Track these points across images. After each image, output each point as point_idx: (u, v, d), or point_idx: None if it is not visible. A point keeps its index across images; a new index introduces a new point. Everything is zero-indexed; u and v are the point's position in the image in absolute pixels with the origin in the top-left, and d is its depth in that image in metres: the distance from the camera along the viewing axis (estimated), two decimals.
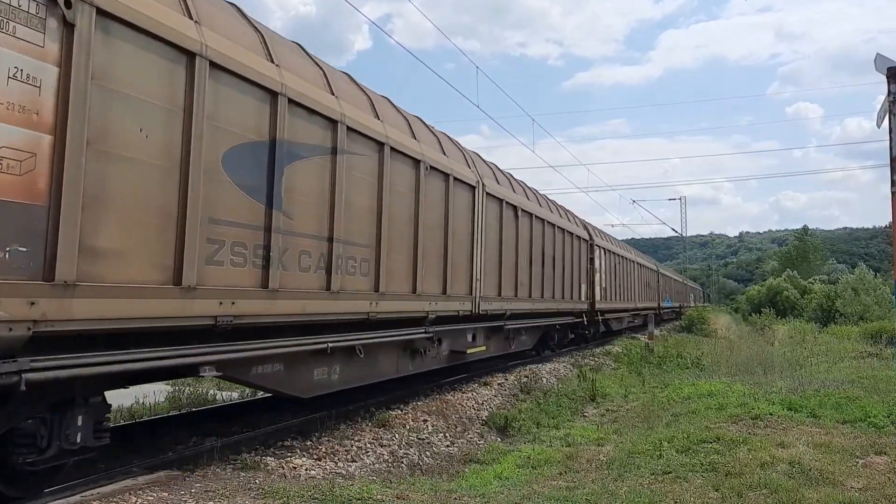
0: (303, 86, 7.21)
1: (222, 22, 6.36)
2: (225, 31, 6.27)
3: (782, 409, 9.65)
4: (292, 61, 7.39)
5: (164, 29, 5.35)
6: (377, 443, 8.33)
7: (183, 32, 5.57)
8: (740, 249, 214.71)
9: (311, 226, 7.27)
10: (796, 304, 57.37)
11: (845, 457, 7.11)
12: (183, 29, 5.59)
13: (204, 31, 5.83)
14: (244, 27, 6.81)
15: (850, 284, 45.05)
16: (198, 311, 5.66)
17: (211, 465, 6.53)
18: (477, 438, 9.85)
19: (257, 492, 5.57)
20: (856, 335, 29.09)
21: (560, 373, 16.25)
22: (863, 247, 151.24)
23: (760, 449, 7.29)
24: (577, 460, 7.83)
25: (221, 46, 6.02)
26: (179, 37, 5.52)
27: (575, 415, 11.85)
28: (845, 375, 13.83)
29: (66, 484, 5.48)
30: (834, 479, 6.29)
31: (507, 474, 7.32)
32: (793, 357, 19.08)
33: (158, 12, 5.34)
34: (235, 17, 6.80)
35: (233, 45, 6.24)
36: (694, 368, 18.11)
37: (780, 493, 5.80)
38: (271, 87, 6.61)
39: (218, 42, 5.99)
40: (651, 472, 6.67)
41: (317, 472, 6.90)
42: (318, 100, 7.42)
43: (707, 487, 6.09)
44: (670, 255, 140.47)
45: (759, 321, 45.15)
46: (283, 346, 6.83)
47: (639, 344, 25.42)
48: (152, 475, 5.97)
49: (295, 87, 6.98)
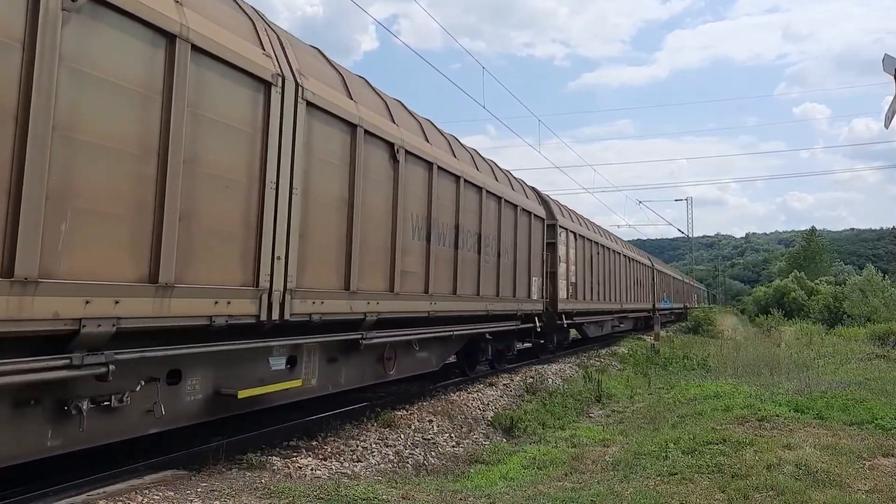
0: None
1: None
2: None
3: (789, 410, 9.62)
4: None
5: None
6: (383, 443, 8.33)
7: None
8: (747, 250, 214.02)
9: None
10: (803, 305, 57.19)
11: (852, 458, 7.08)
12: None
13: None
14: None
15: (857, 286, 44.89)
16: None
17: (216, 464, 6.53)
18: (482, 439, 9.84)
19: (263, 491, 5.58)
20: (863, 337, 29.00)
21: (565, 373, 16.21)
22: (870, 248, 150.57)
23: (767, 450, 7.26)
24: (582, 461, 7.82)
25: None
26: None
27: (580, 415, 11.83)
28: (852, 377, 13.78)
29: (72, 483, 5.49)
30: (841, 481, 6.26)
31: (513, 475, 7.32)
32: (799, 358, 19.02)
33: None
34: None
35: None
36: (700, 369, 18.08)
37: (787, 495, 5.78)
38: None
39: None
40: (657, 474, 6.65)
41: (322, 471, 6.90)
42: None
43: (713, 489, 6.07)
44: (676, 256, 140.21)
45: (765, 322, 45.02)
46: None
47: (644, 345, 25.38)
48: (158, 474, 5.99)
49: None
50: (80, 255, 4.58)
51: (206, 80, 5.74)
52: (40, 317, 4.28)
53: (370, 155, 8.35)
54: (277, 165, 6.56)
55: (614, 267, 25.58)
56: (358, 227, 7.93)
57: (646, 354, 22.40)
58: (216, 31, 5.84)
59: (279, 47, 6.94)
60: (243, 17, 6.66)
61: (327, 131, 7.51)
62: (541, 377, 14.75)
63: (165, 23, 5.26)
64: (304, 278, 6.96)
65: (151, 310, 5.09)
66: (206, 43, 5.66)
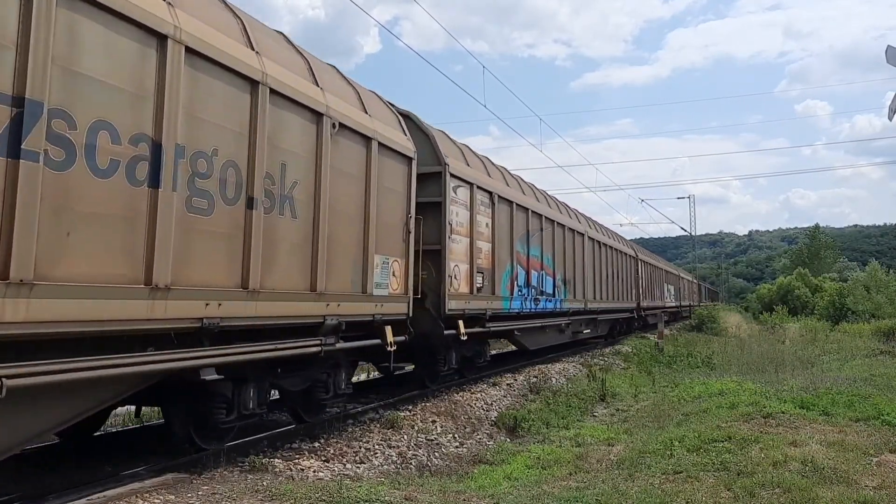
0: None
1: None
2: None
3: (794, 407, 9.56)
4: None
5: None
6: (386, 444, 8.29)
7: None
8: (750, 248, 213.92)
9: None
10: (808, 302, 57.06)
11: (859, 455, 7.02)
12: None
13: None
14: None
15: (861, 282, 44.72)
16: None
17: (218, 467, 6.50)
18: (486, 439, 9.80)
19: (265, 494, 5.53)
20: (868, 333, 28.90)
21: (569, 373, 16.17)
22: (873, 244, 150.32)
23: (773, 448, 7.21)
24: (587, 460, 7.77)
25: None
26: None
27: (585, 415, 11.78)
28: (857, 373, 13.71)
29: (73, 486, 5.47)
30: (848, 478, 6.20)
31: (517, 475, 7.27)
32: (804, 355, 18.95)
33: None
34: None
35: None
36: (704, 367, 18.02)
37: (794, 493, 5.73)
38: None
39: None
40: (662, 472, 6.60)
41: (325, 473, 6.87)
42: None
43: (719, 487, 6.02)
44: (679, 255, 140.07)
45: (769, 320, 44.89)
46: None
47: (649, 343, 25.31)
48: (159, 478, 5.96)
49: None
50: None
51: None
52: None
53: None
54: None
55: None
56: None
57: (650, 353, 22.35)
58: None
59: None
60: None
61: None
62: (544, 376, 14.70)
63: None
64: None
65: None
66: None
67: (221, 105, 6.12)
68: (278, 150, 6.89)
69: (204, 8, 6.17)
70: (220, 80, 6.08)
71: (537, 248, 15.87)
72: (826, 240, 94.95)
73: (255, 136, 6.46)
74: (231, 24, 6.53)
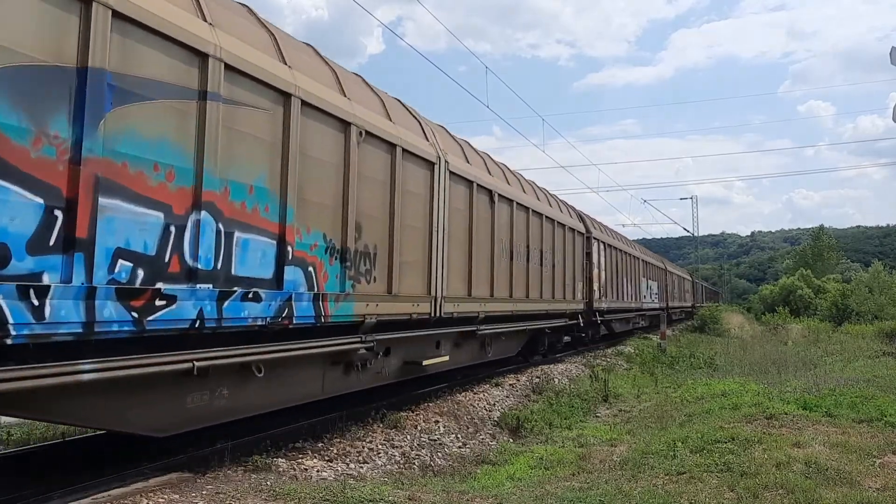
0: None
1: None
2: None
3: (797, 408, 9.55)
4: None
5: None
6: (389, 444, 8.30)
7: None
8: (752, 249, 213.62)
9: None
10: (810, 303, 56.98)
11: (862, 456, 7.02)
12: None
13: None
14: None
15: (864, 283, 44.68)
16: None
17: (222, 466, 6.51)
18: (489, 439, 9.80)
19: (268, 493, 5.55)
20: (871, 334, 28.87)
21: (571, 373, 16.16)
22: (876, 245, 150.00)
23: (776, 448, 7.21)
24: (589, 461, 7.77)
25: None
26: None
27: (587, 415, 11.77)
28: (860, 374, 13.70)
29: (77, 486, 5.47)
30: (851, 479, 6.20)
31: (520, 475, 7.27)
32: (807, 356, 18.94)
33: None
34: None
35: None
36: (707, 368, 18.00)
37: (797, 493, 5.73)
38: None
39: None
40: (665, 473, 6.60)
41: (328, 473, 6.88)
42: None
43: (722, 488, 6.02)
44: (682, 255, 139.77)
45: (772, 320, 44.85)
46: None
47: (651, 344, 25.30)
48: (163, 477, 5.97)
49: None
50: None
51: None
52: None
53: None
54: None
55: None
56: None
57: (652, 353, 22.34)
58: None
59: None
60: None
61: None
62: (547, 377, 14.70)
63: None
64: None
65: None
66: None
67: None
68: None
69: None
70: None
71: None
72: (829, 241, 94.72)
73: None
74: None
